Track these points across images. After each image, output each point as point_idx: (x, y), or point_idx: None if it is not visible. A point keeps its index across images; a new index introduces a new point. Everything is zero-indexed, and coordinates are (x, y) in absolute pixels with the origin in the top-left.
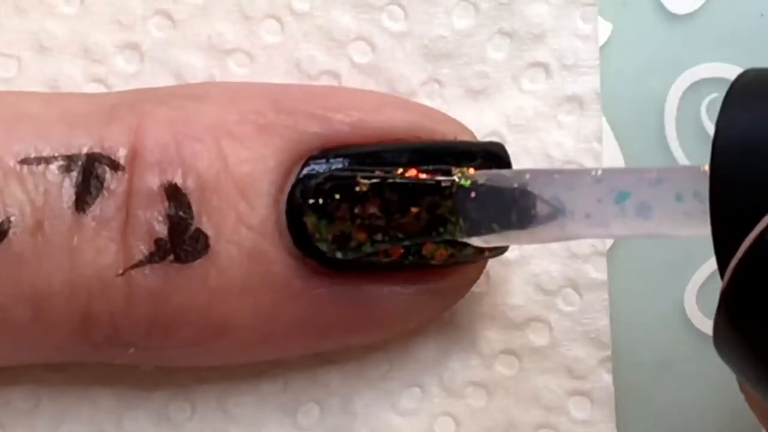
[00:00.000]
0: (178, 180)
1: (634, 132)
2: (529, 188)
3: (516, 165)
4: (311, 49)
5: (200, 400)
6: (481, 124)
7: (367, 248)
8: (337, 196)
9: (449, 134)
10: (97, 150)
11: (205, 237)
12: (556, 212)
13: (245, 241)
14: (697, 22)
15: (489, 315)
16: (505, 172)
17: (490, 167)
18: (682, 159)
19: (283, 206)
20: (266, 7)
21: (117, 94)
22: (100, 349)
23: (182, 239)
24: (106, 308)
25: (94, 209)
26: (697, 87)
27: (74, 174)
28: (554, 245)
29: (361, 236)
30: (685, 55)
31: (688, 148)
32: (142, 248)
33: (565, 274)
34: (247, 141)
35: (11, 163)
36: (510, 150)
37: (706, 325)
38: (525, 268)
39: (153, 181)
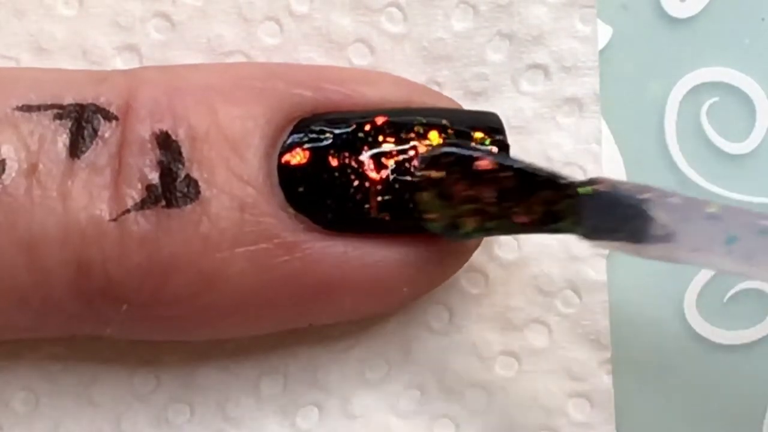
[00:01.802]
0: (169, 128)
1: (634, 136)
2: (648, 210)
3: None
4: (310, 51)
5: (199, 402)
6: None
7: (475, 233)
8: (457, 175)
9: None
10: (90, 101)
11: (196, 183)
12: (668, 238)
13: (236, 191)
14: (698, 25)
15: (488, 316)
16: (627, 184)
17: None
18: (681, 163)
19: (274, 162)
20: (265, 9)
21: (112, 71)
22: (95, 306)
23: (173, 185)
24: (99, 256)
25: (88, 156)
26: (698, 91)
27: (68, 122)
28: (554, 247)
29: (473, 221)
30: (686, 59)
31: (688, 152)
32: (134, 195)
33: (564, 275)
34: (239, 101)
35: (6, 110)
36: (510, 151)
37: (706, 329)
38: (525, 270)
39: (144, 130)
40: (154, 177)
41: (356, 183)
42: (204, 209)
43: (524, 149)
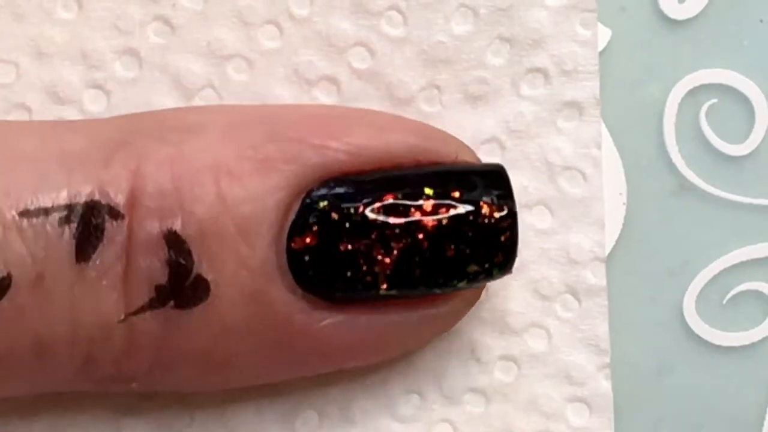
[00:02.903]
0: (178, 227)
1: (632, 137)
2: None
3: (515, 171)
4: (310, 55)
5: (199, 407)
6: (480, 129)
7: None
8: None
9: (450, 153)
10: (96, 197)
11: (206, 283)
12: None
13: (246, 283)
14: (697, 27)
15: (488, 321)
16: None
17: (490, 190)
18: (680, 164)
19: (283, 244)
20: (265, 12)
21: (112, 124)
22: (103, 384)
23: (183, 286)
24: (108, 352)
25: (95, 259)
26: (696, 93)
27: (74, 225)
28: (553, 251)
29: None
30: (684, 61)
31: (687, 154)
32: (142, 296)
33: (564, 280)
34: (246, 179)
35: (11, 215)
36: (509, 156)
37: (706, 331)
38: (524, 274)
39: (153, 228)
40: (162, 277)
41: (366, 267)
42: (214, 306)
43: (524, 154)
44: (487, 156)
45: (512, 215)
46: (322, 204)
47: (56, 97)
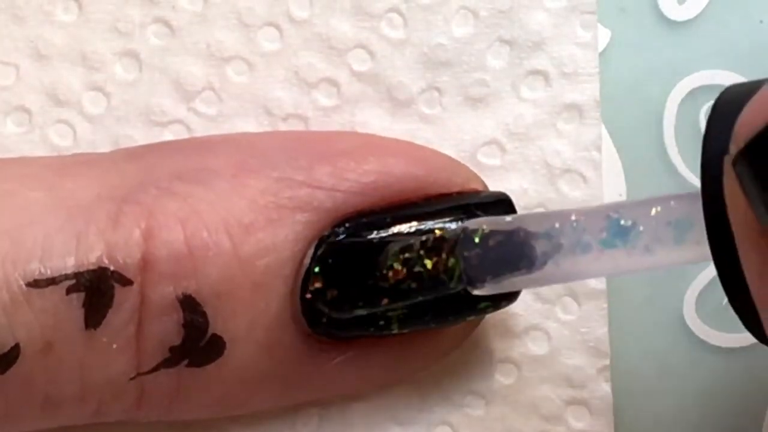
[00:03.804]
0: (193, 290)
1: (632, 138)
2: (524, 239)
3: (515, 173)
4: (310, 57)
5: None
6: (480, 132)
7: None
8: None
9: (458, 184)
10: (105, 262)
11: (221, 340)
12: (554, 251)
13: (261, 337)
14: (696, 29)
15: (488, 323)
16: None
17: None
18: (680, 166)
19: (297, 293)
20: (265, 14)
21: (119, 169)
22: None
23: (197, 346)
24: (118, 405)
25: (105, 324)
26: (696, 94)
27: (83, 293)
28: None
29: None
30: (684, 62)
31: (687, 155)
32: (156, 356)
33: (564, 283)
34: (260, 232)
35: (18, 286)
36: (509, 158)
37: (706, 333)
38: None
39: (167, 293)
40: (177, 339)
41: (379, 313)
42: (228, 362)
43: (524, 156)
44: (487, 158)
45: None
46: (335, 250)
47: (56, 99)
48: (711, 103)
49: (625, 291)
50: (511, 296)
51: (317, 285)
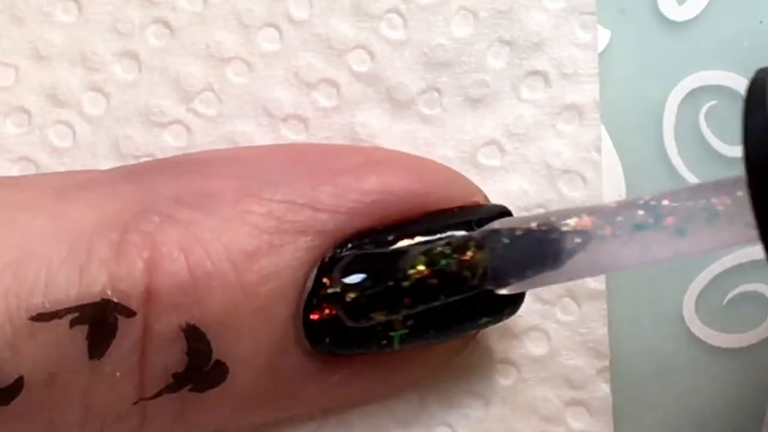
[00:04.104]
0: (197, 320)
1: (632, 139)
2: (550, 234)
3: (515, 174)
4: (310, 58)
5: None
6: (479, 132)
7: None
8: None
9: (459, 198)
10: (108, 294)
11: (225, 366)
12: (583, 245)
13: (264, 360)
14: (696, 29)
15: None
16: (517, 222)
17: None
18: (680, 167)
19: (300, 316)
20: (265, 15)
21: (119, 193)
22: None
23: (201, 372)
24: (121, 429)
25: (108, 354)
26: (696, 94)
27: (86, 326)
28: None
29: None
30: (684, 63)
31: (687, 156)
32: (159, 383)
33: (563, 284)
34: (262, 259)
35: (21, 320)
36: (508, 159)
37: (706, 333)
38: None
39: (170, 323)
40: (180, 367)
41: (382, 333)
42: (232, 385)
43: (524, 157)
44: (487, 159)
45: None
46: (337, 272)
47: (56, 99)
48: (711, 103)
49: (625, 292)
50: (513, 307)
51: (320, 308)
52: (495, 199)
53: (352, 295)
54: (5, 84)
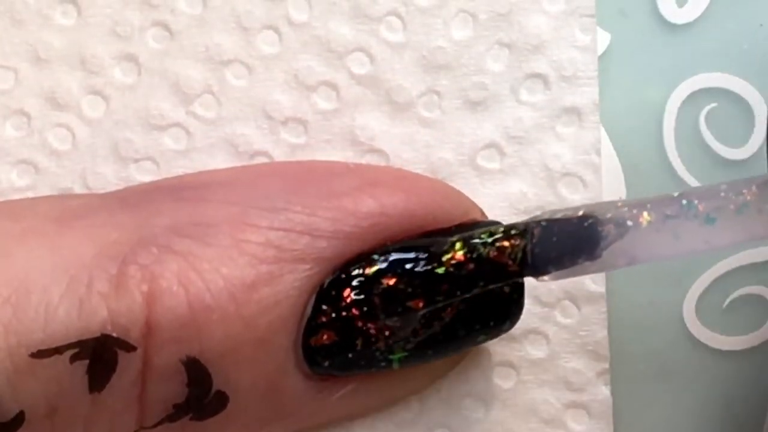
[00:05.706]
0: (197, 353)
1: (632, 141)
2: (590, 224)
3: (514, 177)
4: (309, 60)
5: None
6: (479, 135)
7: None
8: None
9: (457, 216)
10: (108, 329)
11: (225, 396)
12: (619, 235)
13: (264, 388)
14: (696, 31)
15: None
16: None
17: None
18: (681, 169)
19: (299, 342)
20: (264, 17)
21: (117, 222)
22: None
23: (201, 403)
24: None
25: (108, 388)
26: (696, 97)
27: (86, 361)
28: None
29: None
30: (684, 65)
31: (687, 158)
32: (159, 413)
33: (563, 286)
34: (262, 290)
35: (21, 357)
36: (508, 162)
37: (706, 336)
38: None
39: (170, 356)
40: (181, 398)
41: (381, 356)
42: (232, 413)
43: (523, 159)
44: (487, 161)
45: (519, 285)
46: (336, 298)
47: (55, 102)
48: (711, 105)
49: (625, 294)
50: (511, 327)
51: (319, 334)
52: (494, 201)
53: (389, 282)
54: (5, 87)
